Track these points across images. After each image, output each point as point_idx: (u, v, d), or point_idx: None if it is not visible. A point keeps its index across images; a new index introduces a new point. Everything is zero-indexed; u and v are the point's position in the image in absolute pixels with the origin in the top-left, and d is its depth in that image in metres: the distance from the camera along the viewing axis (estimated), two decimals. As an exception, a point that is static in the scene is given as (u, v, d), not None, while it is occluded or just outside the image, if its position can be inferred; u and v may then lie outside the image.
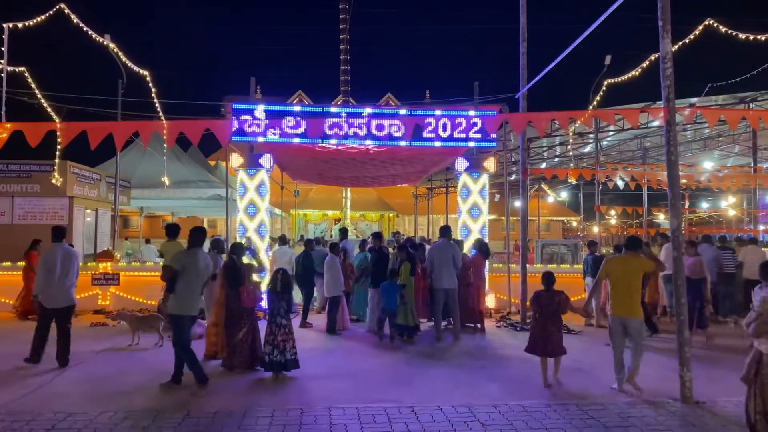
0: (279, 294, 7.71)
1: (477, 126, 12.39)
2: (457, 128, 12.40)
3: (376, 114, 12.27)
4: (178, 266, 7.25)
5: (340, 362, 8.66)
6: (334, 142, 12.27)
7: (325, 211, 36.42)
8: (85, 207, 16.18)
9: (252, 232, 12.87)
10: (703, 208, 38.55)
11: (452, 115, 12.37)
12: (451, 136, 12.38)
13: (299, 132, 12.15)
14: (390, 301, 10.17)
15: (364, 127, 12.21)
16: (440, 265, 10.31)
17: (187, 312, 7.30)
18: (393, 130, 12.20)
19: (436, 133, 12.34)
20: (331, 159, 16.49)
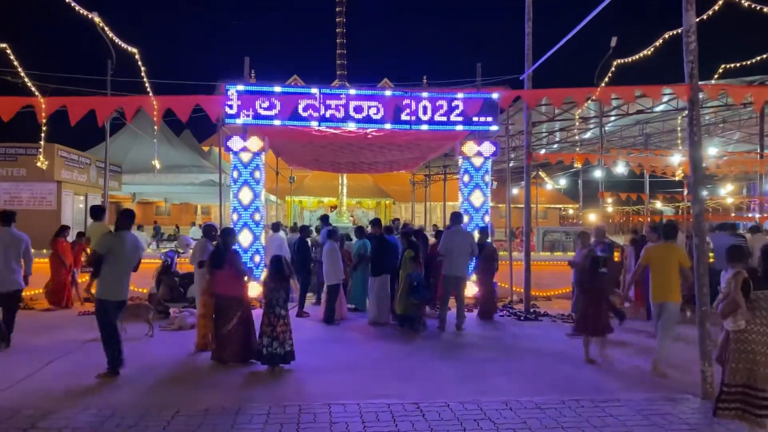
0: (277, 283, 7.29)
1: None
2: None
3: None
4: (103, 250, 6.96)
5: (340, 354, 8.25)
6: (315, 125, 11.76)
7: (321, 198, 35.96)
8: (75, 192, 15.67)
9: (247, 217, 12.41)
10: (702, 196, 38.22)
11: (432, 98, 11.85)
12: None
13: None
14: (423, 291, 9.85)
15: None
16: (457, 253, 9.93)
17: (113, 297, 7.03)
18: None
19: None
20: (328, 144, 16.06)
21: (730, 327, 4.95)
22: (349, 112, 11.65)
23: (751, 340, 4.82)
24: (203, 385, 6.64)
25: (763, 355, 4.79)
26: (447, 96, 11.78)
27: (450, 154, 25.25)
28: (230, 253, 7.87)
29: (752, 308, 4.82)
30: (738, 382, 4.85)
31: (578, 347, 8.24)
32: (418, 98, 11.82)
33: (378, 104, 11.63)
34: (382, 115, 11.66)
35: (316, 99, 11.58)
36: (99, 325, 7.07)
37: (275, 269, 7.37)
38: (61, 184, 14.79)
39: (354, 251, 11.85)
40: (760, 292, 4.81)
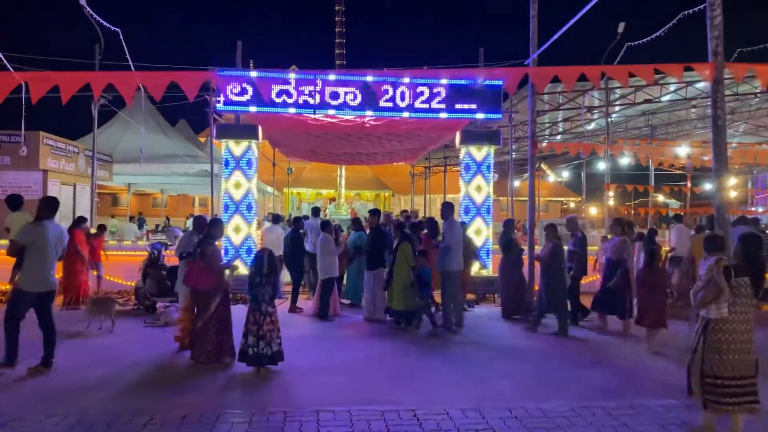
0: (264, 277, 6.77)
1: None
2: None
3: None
4: (25, 240, 6.63)
5: (332, 353, 7.74)
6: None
7: (320, 190, 35.50)
8: (62, 182, 15.14)
9: (239, 209, 11.90)
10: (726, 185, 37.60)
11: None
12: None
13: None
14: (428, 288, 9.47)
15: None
16: (457, 246, 9.44)
17: (34, 288, 6.68)
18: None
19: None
20: (324, 134, 15.57)
21: (713, 315, 4.95)
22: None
23: (731, 329, 4.87)
24: (183, 388, 6.14)
25: (741, 342, 4.86)
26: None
27: (450, 145, 24.76)
28: (205, 244, 7.35)
29: (732, 295, 4.86)
30: (729, 374, 4.86)
31: (584, 346, 7.77)
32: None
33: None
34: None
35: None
36: (5, 313, 6.73)
37: (258, 266, 6.85)
38: (47, 173, 14.26)
39: (350, 244, 11.35)
40: (741, 279, 4.87)
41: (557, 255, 9.23)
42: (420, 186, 34.10)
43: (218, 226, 7.85)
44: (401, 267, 9.28)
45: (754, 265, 4.95)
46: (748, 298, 4.88)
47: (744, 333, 4.87)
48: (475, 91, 11.69)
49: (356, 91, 11.18)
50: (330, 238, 10.27)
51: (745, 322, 4.88)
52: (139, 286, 10.95)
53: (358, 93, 11.19)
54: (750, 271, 4.90)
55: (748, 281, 4.88)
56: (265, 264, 6.76)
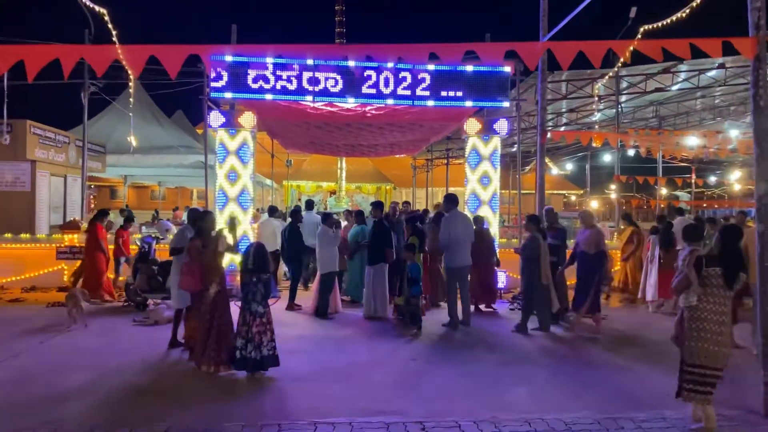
0: (252, 274, 6.21)
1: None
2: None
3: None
4: None
5: (331, 356, 7.20)
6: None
7: (320, 183, 34.85)
8: (51, 173, 14.59)
9: (233, 202, 11.35)
10: (712, 182, 37.09)
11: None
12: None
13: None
14: (417, 283, 8.85)
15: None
16: (461, 240, 8.87)
17: None
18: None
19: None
20: (324, 124, 15.00)
21: (682, 304, 5.04)
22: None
23: (703, 318, 4.88)
24: (169, 397, 5.61)
25: (712, 333, 4.85)
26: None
27: (454, 137, 24.19)
28: (193, 242, 6.80)
29: (704, 285, 4.88)
30: (700, 362, 4.89)
31: (595, 345, 7.24)
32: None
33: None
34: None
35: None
36: None
37: (244, 261, 6.30)
38: (35, 163, 13.70)
39: (350, 238, 10.81)
40: (711, 269, 4.87)
41: (534, 248, 8.70)
42: (422, 179, 33.55)
43: (204, 219, 7.23)
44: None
45: (728, 256, 4.91)
46: (720, 288, 4.86)
47: (717, 324, 4.85)
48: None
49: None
50: (330, 231, 9.72)
51: (719, 314, 4.86)
52: (129, 282, 10.42)
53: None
54: (722, 262, 4.88)
55: (719, 272, 4.85)
56: (251, 259, 6.20)
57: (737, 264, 4.88)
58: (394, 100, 10.78)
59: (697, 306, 4.89)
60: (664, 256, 10.10)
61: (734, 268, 4.85)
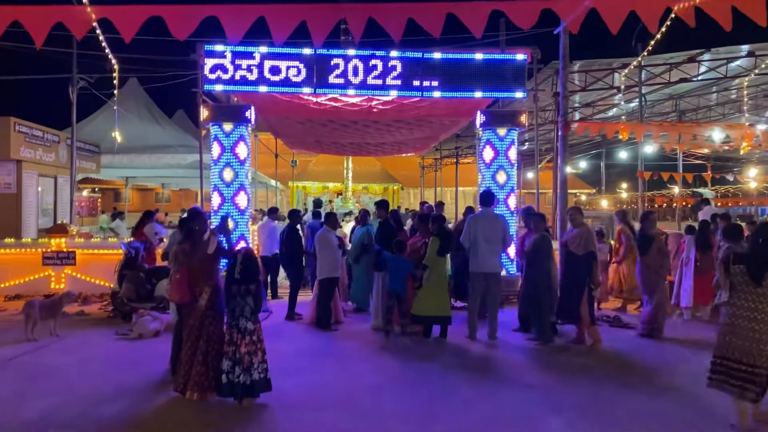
0: (240, 285, 5.36)
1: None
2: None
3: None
4: None
5: (332, 377, 6.31)
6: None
7: (326, 184, 34.10)
8: (40, 173, 13.81)
9: (229, 202, 10.52)
10: (727, 180, 36.00)
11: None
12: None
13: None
14: (395, 282, 7.95)
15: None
16: (482, 241, 7.97)
17: None
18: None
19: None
20: (329, 122, 14.28)
21: (716, 300, 5.26)
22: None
23: (735, 314, 4.95)
24: (144, 429, 4.76)
25: (744, 329, 4.87)
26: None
27: (463, 135, 23.29)
28: (179, 246, 5.95)
29: (732, 283, 4.97)
30: (730, 355, 4.93)
31: (642, 361, 6.34)
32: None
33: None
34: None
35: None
36: None
37: (230, 270, 5.44)
38: (21, 163, 12.92)
39: (355, 240, 9.95)
40: (737, 266, 4.95)
41: (541, 248, 7.91)
42: (430, 179, 32.68)
43: (197, 220, 6.37)
44: (431, 266, 7.88)
45: (754, 253, 4.97)
46: (747, 285, 4.89)
47: (749, 320, 4.85)
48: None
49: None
50: (332, 234, 8.86)
51: (750, 310, 4.87)
52: (115, 290, 9.61)
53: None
54: (748, 259, 4.93)
55: (744, 269, 4.89)
56: (238, 267, 5.34)
57: (762, 261, 4.85)
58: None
59: (728, 302, 4.98)
60: (700, 259, 9.19)
61: (758, 264, 4.84)
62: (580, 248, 7.85)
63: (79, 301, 10.86)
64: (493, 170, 10.82)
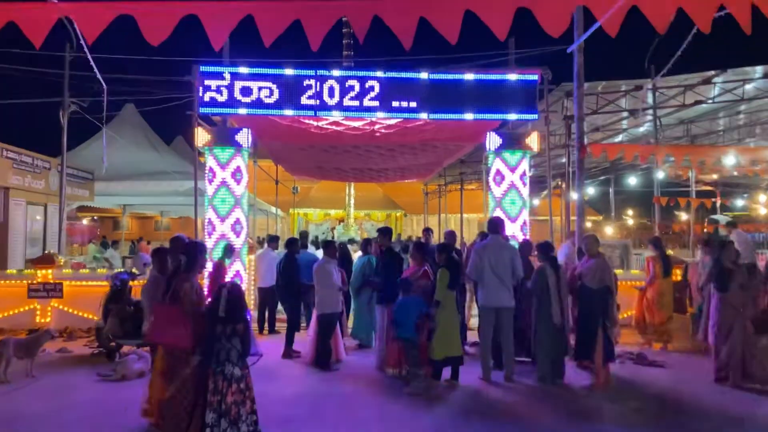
0: (225, 325, 4.69)
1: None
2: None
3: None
4: None
5: (333, 428, 5.61)
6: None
7: (327, 211, 33.62)
8: (28, 201, 13.24)
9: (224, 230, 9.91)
10: (738, 207, 35.33)
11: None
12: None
13: None
14: (405, 327, 7.09)
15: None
16: (491, 273, 7.30)
17: None
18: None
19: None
20: (331, 147, 13.84)
21: None
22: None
23: None
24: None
25: None
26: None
27: (467, 160, 22.74)
28: (178, 280, 5.25)
29: None
30: None
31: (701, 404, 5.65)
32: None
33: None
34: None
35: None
36: None
37: (212, 308, 4.77)
38: (8, 191, 12.36)
39: (356, 270, 9.30)
40: None
41: (538, 280, 7.31)
42: (434, 205, 32.11)
43: (199, 253, 5.64)
44: (444, 302, 7.14)
45: None
46: None
47: None
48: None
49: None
50: (331, 264, 8.19)
51: None
52: (100, 326, 8.93)
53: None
54: None
55: None
56: (222, 304, 4.68)
57: None
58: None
59: None
60: None
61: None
62: (594, 281, 7.24)
63: (64, 337, 10.29)
64: (503, 195, 10.24)
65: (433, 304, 7.06)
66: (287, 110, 9.61)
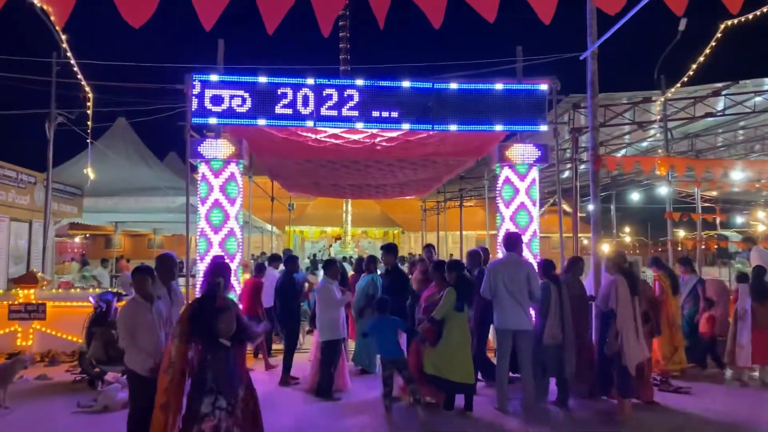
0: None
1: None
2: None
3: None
4: None
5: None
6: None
7: (324, 228, 33.11)
8: (12, 217, 12.63)
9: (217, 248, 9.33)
10: (738, 224, 34.97)
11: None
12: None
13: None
14: (385, 348, 6.72)
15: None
16: (506, 293, 6.74)
17: None
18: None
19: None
20: (329, 162, 13.32)
21: None
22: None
23: None
24: None
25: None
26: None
27: (466, 176, 22.27)
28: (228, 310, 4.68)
29: None
30: None
31: None
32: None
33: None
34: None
35: None
36: None
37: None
38: (-10, 206, 11.79)
39: (359, 290, 8.72)
40: None
41: (543, 298, 6.89)
42: (432, 222, 31.62)
43: (167, 266, 5.17)
44: (450, 322, 6.60)
45: None
46: None
47: None
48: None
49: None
50: (333, 286, 7.59)
51: None
52: (83, 350, 8.32)
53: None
54: None
55: None
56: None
57: None
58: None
59: None
60: (758, 310, 7.98)
61: None
62: (602, 303, 6.76)
63: (45, 362, 9.68)
64: (515, 212, 9.72)
65: (428, 320, 6.60)
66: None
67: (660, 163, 9.65)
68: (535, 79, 9.88)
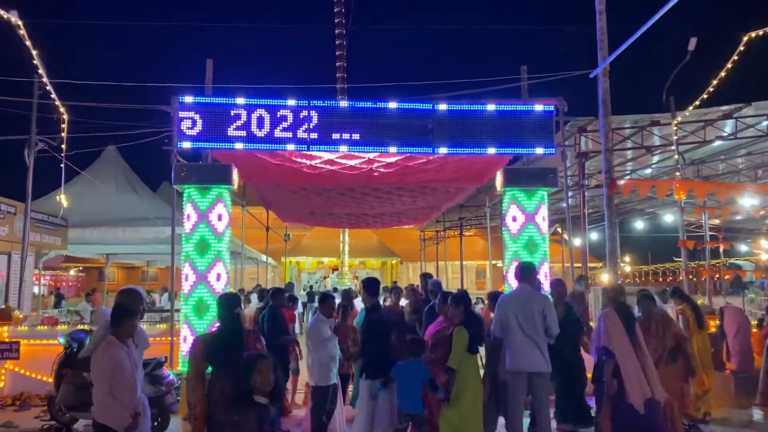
0: None
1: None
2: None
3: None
4: None
5: None
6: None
7: (321, 259, 32.47)
8: (-11, 249, 11.99)
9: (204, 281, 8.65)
10: (741, 252, 34.40)
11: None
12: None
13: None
14: (408, 399, 5.82)
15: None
16: (518, 330, 6.00)
17: None
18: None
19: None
20: (324, 190, 12.79)
21: None
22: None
23: None
24: None
25: None
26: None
27: (466, 205, 21.69)
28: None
29: None
30: None
31: None
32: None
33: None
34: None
35: None
36: None
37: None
38: (-36, 237, 11.11)
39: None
40: None
41: None
42: (431, 252, 30.95)
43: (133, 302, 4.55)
44: (464, 368, 5.79)
45: None
46: None
47: None
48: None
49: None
50: (327, 325, 6.72)
51: None
52: (52, 395, 7.56)
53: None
54: None
55: None
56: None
57: None
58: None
59: None
60: None
61: None
62: (596, 341, 6.21)
63: (16, 406, 8.92)
64: (522, 238, 9.08)
65: (445, 372, 5.77)
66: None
67: (678, 186, 9.04)
68: (542, 99, 9.35)
